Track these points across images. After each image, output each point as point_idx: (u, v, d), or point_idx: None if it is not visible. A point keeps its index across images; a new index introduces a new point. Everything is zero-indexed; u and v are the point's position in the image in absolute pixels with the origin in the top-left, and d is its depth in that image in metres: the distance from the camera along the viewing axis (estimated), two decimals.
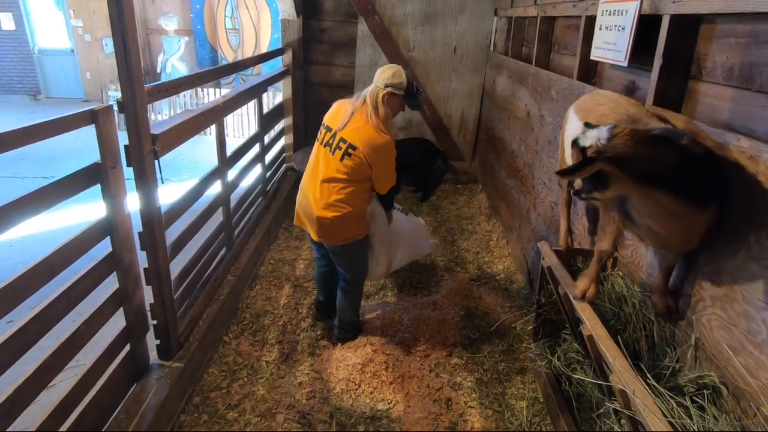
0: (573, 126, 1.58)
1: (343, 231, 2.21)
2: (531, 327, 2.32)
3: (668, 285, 1.42)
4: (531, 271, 3.04)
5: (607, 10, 2.18)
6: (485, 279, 3.21)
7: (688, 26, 1.62)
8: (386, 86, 2.07)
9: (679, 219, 1.20)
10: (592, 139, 1.14)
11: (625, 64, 1.97)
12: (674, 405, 1.07)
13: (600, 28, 2.24)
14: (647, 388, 1.10)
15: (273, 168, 4.15)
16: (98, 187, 1.62)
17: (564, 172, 1.14)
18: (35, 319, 1.37)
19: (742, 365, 1.12)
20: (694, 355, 1.30)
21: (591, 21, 2.35)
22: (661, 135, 1.14)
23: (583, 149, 1.16)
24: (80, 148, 6.20)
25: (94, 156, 1.59)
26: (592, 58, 2.32)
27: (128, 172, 1.69)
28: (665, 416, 1.01)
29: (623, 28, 2.00)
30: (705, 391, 1.14)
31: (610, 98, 1.46)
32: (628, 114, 1.32)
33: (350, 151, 2.05)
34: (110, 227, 1.68)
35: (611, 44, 2.12)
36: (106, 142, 1.60)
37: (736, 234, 1.20)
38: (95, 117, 1.54)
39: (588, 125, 1.23)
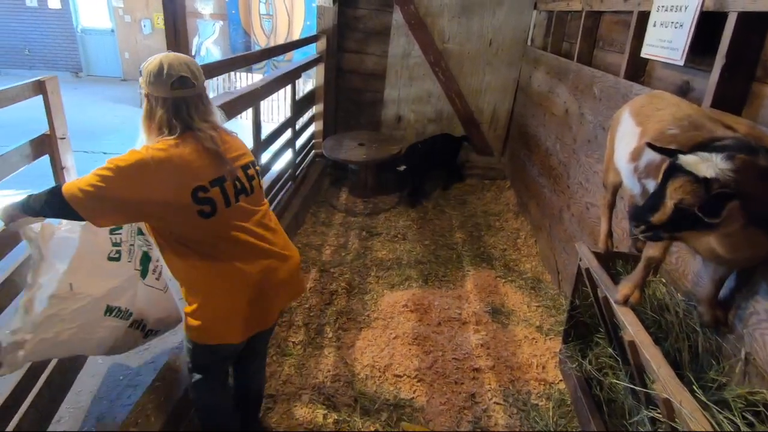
0: (627, 129, 1.52)
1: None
2: (561, 328, 2.28)
3: (718, 296, 1.36)
4: (561, 272, 2.98)
5: (663, 6, 2.08)
6: (512, 277, 3.17)
7: (756, 24, 1.53)
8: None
9: (759, 248, 1.12)
10: (711, 168, 0.96)
11: (682, 63, 1.88)
12: (722, 419, 1.03)
13: (654, 25, 2.15)
14: (694, 399, 1.07)
15: (302, 154, 4.19)
16: None
17: (706, 213, 0.95)
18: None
19: None
20: (743, 369, 1.25)
21: (643, 17, 2.25)
22: None
23: (707, 181, 0.96)
24: (118, 124, 6.41)
25: (133, 133, 1.63)
26: (642, 55, 2.23)
27: None
28: (714, 430, 0.98)
29: (681, 25, 1.91)
30: (758, 408, 1.09)
31: (671, 101, 1.39)
32: (690, 119, 1.26)
33: (253, 168, 1.49)
34: None
35: (666, 41, 2.02)
36: None
37: None
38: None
39: (651, 146, 1.10)
